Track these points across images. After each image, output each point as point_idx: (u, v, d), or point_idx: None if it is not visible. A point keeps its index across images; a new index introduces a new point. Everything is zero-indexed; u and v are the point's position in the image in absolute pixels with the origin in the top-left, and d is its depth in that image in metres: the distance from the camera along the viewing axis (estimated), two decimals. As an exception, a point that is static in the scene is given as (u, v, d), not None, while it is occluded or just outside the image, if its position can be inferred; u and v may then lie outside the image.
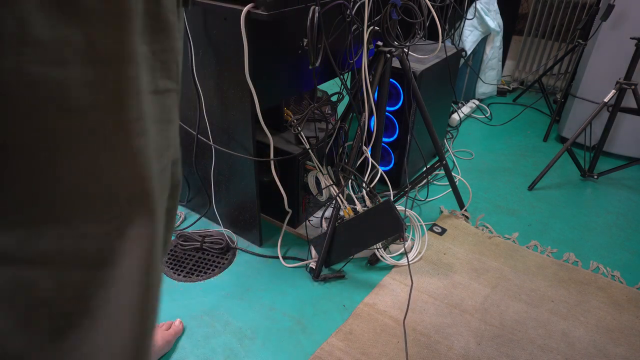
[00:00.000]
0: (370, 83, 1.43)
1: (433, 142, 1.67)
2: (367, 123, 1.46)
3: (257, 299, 1.44)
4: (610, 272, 1.60)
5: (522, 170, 2.20)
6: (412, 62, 1.79)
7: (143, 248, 0.46)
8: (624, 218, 1.89)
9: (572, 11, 2.77)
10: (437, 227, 1.78)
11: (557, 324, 1.39)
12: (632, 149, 2.26)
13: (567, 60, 2.91)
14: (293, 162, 1.55)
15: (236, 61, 1.26)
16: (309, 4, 1.21)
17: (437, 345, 1.31)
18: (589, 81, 2.23)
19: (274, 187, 1.55)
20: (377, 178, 1.59)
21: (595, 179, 2.14)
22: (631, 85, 1.90)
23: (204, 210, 1.75)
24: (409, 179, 1.96)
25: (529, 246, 1.71)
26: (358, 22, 1.33)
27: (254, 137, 1.40)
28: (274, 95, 1.42)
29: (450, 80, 1.99)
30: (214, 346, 1.28)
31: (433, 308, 1.43)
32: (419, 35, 1.43)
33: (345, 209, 1.50)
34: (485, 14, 2.49)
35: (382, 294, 1.47)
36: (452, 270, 1.58)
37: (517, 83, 3.12)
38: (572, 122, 2.34)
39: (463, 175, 2.13)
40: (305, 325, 1.36)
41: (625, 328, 1.39)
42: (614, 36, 2.08)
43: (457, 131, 2.53)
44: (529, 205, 1.95)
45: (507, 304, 1.46)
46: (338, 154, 1.55)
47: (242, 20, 1.15)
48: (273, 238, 1.68)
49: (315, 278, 1.51)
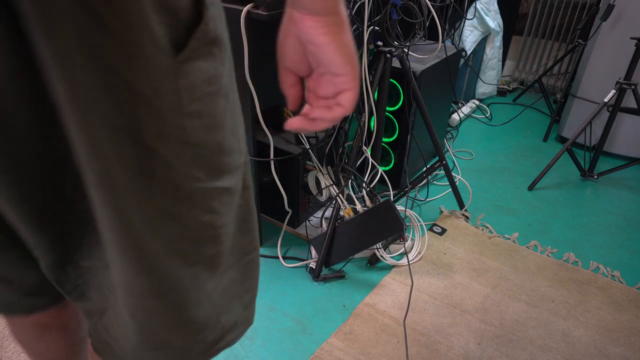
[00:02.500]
0: (370, 83, 1.43)
1: (433, 142, 1.67)
2: (367, 123, 1.46)
3: (257, 299, 1.44)
4: (610, 272, 1.60)
5: (522, 170, 2.20)
6: (412, 62, 1.79)
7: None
8: (624, 218, 1.89)
9: (572, 11, 2.77)
10: (437, 227, 1.78)
11: (557, 324, 1.39)
12: (632, 149, 2.26)
13: (567, 60, 2.91)
14: (293, 162, 1.55)
15: (236, 61, 1.26)
16: (309, 4, 1.21)
17: (437, 345, 1.31)
18: (589, 81, 2.23)
19: (274, 187, 1.55)
20: (377, 178, 1.59)
21: (595, 179, 2.14)
22: (631, 85, 1.90)
23: (204, 210, 1.75)
24: (409, 179, 1.96)
25: (529, 246, 1.71)
26: (358, 22, 1.33)
27: (254, 137, 1.40)
28: (274, 95, 1.42)
29: (450, 80, 1.99)
30: (214, 346, 1.28)
31: (433, 308, 1.43)
32: (419, 35, 1.43)
33: (345, 209, 1.50)
34: (485, 14, 2.49)
35: (382, 294, 1.47)
36: (452, 270, 1.58)
37: (517, 83, 3.12)
38: (572, 122, 2.34)
39: (463, 175, 2.13)
40: (305, 325, 1.36)
41: (625, 328, 1.39)
42: (614, 36, 2.08)
43: (457, 131, 2.53)
44: (529, 205, 1.95)
45: (507, 304, 1.46)
46: (338, 154, 1.55)
47: (242, 20, 1.15)
48: (273, 238, 1.68)
49: (315, 278, 1.51)
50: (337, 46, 0.46)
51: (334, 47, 0.46)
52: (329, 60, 0.46)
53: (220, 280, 0.55)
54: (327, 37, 0.45)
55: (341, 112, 0.50)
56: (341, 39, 0.46)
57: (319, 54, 0.47)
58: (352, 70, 0.48)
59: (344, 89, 0.49)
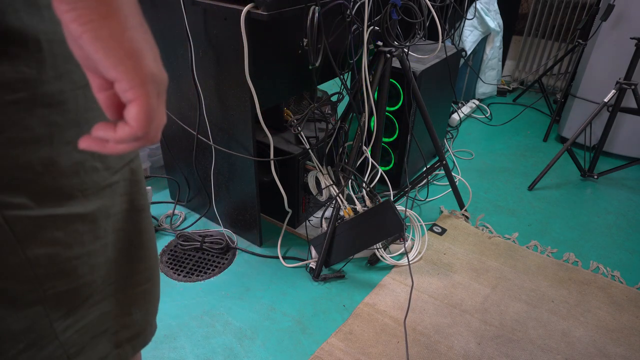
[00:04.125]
0: (370, 83, 1.43)
1: (433, 142, 1.67)
2: (367, 123, 1.46)
3: (257, 299, 1.44)
4: (610, 272, 1.60)
5: (522, 170, 2.20)
6: (412, 62, 1.79)
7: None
8: (624, 218, 1.89)
9: (572, 11, 2.77)
10: (437, 227, 1.78)
11: (557, 324, 1.39)
12: (632, 149, 2.26)
13: (567, 60, 2.91)
14: (293, 162, 1.55)
15: (236, 61, 1.26)
16: (309, 4, 1.21)
17: (437, 345, 1.31)
18: (589, 81, 2.23)
19: (274, 187, 1.55)
20: (377, 178, 1.59)
21: (595, 179, 2.14)
22: (631, 85, 1.90)
23: (204, 210, 1.75)
24: (409, 179, 1.96)
25: (529, 246, 1.71)
26: (358, 22, 1.33)
27: (254, 137, 1.40)
28: (274, 95, 1.42)
29: (450, 80, 1.99)
30: (214, 346, 1.28)
31: (433, 308, 1.43)
32: (419, 35, 1.43)
33: (345, 209, 1.50)
34: (485, 14, 2.49)
35: (382, 294, 1.47)
36: (452, 270, 1.58)
37: (517, 83, 3.12)
38: (572, 122, 2.34)
39: (463, 175, 2.13)
40: (305, 325, 1.36)
41: (625, 328, 1.39)
42: (614, 36, 2.08)
43: (457, 131, 2.53)
44: (529, 205, 1.95)
45: (507, 304, 1.46)
46: (338, 154, 1.55)
47: (242, 20, 1.15)
48: (273, 238, 1.68)
49: (315, 278, 1.51)
50: (97, 39, 0.33)
51: (92, 40, 0.33)
52: (93, 57, 0.34)
53: (86, 314, 0.48)
54: (80, 27, 0.32)
55: (127, 132, 0.36)
56: (104, 31, 0.33)
57: (83, 46, 0.34)
58: (129, 72, 0.34)
59: (128, 99, 0.35)
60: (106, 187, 0.46)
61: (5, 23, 0.35)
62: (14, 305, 0.42)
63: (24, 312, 0.43)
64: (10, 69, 0.36)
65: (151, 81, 0.36)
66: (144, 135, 0.36)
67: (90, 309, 0.49)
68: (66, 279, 0.44)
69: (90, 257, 0.46)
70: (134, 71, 0.35)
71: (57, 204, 0.41)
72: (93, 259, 0.47)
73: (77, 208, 0.43)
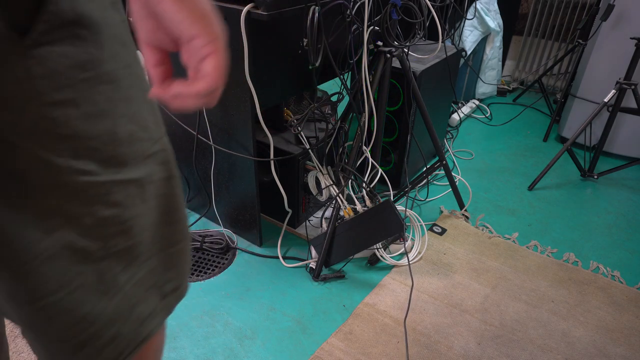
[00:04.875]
0: (370, 83, 1.43)
1: (433, 142, 1.67)
2: (367, 123, 1.46)
3: (257, 299, 1.44)
4: (610, 272, 1.60)
5: (522, 170, 2.20)
6: (412, 62, 1.79)
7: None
8: (624, 218, 1.89)
9: (572, 11, 2.77)
10: (437, 227, 1.78)
11: (557, 324, 1.39)
12: (632, 149, 2.26)
13: (567, 60, 2.91)
14: (293, 162, 1.55)
15: (236, 61, 1.26)
16: (309, 4, 1.21)
17: (437, 345, 1.31)
18: (589, 81, 2.23)
19: (274, 187, 1.55)
20: (377, 178, 1.59)
21: (595, 179, 2.14)
22: (631, 85, 1.90)
23: (204, 210, 1.76)
24: (409, 179, 1.96)
25: (529, 246, 1.71)
26: (358, 22, 1.33)
27: (254, 137, 1.40)
28: (274, 95, 1.42)
29: (450, 80, 1.99)
30: (214, 346, 1.28)
31: (433, 308, 1.43)
32: (419, 35, 1.43)
33: (345, 209, 1.50)
34: (485, 14, 2.49)
35: (382, 294, 1.47)
36: (452, 270, 1.58)
37: (517, 83, 3.12)
38: (572, 122, 2.34)
39: (463, 175, 2.13)
40: (305, 325, 1.36)
41: (625, 328, 1.39)
42: (614, 36, 2.08)
43: (457, 131, 2.53)
44: (529, 205, 1.95)
45: (507, 304, 1.46)
46: (338, 154, 1.55)
47: (242, 20, 1.15)
48: (273, 238, 1.68)
49: (315, 278, 1.51)
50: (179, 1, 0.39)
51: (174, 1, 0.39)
52: (174, 18, 0.39)
53: (138, 270, 0.53)
54: None
55: (205, 85, 0.42)
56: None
57: (161, 12, 0.40)
58: (206, 29, 0.40)
59: (204, 55, 0.41)
60: (150, 156, 0.50)
61: (77, 9, 0.38)
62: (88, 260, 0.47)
63: (97, 265, 0.48)
64: (83, 50, 0.40)
65: (222, 38, 0.42)
66: (217, 88, 0.43)
67: (141, 266, 0.54)
68: (125, 237, 0.49)
69: (140, 219, 0.51)
70: (210, 28, 0.41)
71: (117, 170, 0.46)
72: (142, 220, 0.51)
73: (130, 174, 0.47)
